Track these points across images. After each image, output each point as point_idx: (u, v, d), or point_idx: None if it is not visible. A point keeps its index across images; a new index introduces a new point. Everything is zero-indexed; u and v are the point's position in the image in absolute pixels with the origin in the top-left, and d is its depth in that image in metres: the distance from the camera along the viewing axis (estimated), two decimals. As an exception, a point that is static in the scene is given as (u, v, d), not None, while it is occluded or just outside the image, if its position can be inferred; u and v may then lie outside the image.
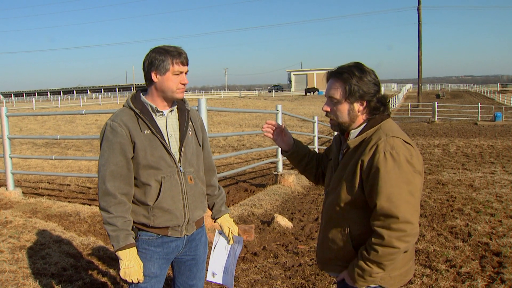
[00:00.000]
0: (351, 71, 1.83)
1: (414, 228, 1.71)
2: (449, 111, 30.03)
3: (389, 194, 1.70)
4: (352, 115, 1.87)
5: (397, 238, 1.70)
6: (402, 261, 1.86)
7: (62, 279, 3.65)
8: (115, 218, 2.06)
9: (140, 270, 2.11)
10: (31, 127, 22.69)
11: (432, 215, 5.85)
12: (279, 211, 6.29)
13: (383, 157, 1.73)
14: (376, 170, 1.73)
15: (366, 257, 1.76)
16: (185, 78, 2.16)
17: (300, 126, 22.42)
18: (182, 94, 2.19)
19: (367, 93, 1.83)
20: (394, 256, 1.74)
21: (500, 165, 9.95)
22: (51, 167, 10.98)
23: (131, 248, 2.09)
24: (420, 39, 38.29)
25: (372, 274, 1.77)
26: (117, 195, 2.07)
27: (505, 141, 14.89)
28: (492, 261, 4.20)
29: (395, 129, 1.84)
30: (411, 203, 1.72)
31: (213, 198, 2.50)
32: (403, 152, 1.74)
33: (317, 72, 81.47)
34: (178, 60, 2.11)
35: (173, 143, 2.20)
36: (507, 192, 7.13)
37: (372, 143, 1.79)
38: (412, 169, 1.73)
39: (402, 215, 1.69)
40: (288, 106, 38.30)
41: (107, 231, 2.10)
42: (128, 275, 2.08)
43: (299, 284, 3.79)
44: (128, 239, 2.08)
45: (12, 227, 4.81)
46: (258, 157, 12.29)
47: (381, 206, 1.71)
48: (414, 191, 1.73)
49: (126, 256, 2.07)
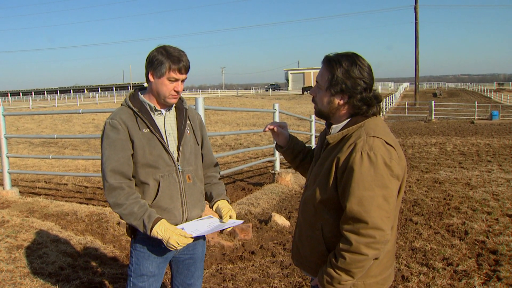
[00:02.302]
0: (340, 61, 1.71)
1: (384, 235, 1.62)
2: (446, 109, 30.09)
3: (361, 197, 1.61)
4: (331, 106, 1.78)
5: (365, 244, 1.61)
6: (378, 269, 1.78)
7: (59, 278, 3.65)
8: (130, 206, 2.04)
9: (180, 231, 2.05)
10: (28, 126, 22.62)
11: (429, 214, 5.87)
12: (277, 210, 6.30)
13: (359, 157, 1.62)
14: (350, 170, 1.63)
15: (334, 264, 1.68)
16: (180, 86, 2.14)
17: (297, 125, 22.42)
18: (175, 100, 2.17)
19: (350, 88, 1.70)
20: (362, 263, 1.64)
21: (497, 164, 9.99)
22: (48, 167, 10.94)
23: (159, 222, 2.04)
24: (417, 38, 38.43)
25: (341, 282, 1.68)
26: (124, 186, 2.06)
27: (502, 139, 14.94)
28: (489, 259, 4.22)
29: (378, 128, 1.72)
30: (383, 209, 1.61)
31: (212, 185, 2.44)
32: (381, 153, 1.63)
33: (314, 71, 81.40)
34: (176, 67, 2.08)
35: (171, 142, 2.19)
36: (504, 190, 7.16)
37: (351, 141, 1.70)
38: (389, 173, 1.63)
39: (372, 220, 1.59)
40: (285, 105, 38.31)
41: (131, 224, 2.07)
42: (176, 243, 2.02)
43: (297, 282, 3.80)
44: (151, 217, 2.04)
45: (9, 226, 4.80)
46: (255, 156, 12.29)
47: (351, 209, 1.62)
48: (389, 196, 1.63)
49: (160, 230, 2.03)
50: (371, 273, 1.76)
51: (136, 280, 2.22)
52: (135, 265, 2.22)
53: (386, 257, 1.80)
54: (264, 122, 23.75)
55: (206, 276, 3.95)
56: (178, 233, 2.04)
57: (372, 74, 1.76)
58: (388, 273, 1.84)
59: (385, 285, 1.84)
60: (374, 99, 1.76)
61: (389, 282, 1.86)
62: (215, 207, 2.37)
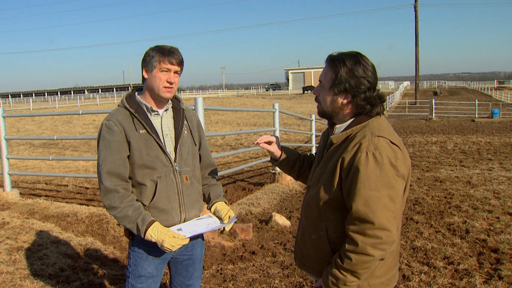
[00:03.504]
0: (344, 60, 1.70)
1: (390, 235, 1.61)
2: (446, 108, 30.08)
3: (367, 198, 1.59)
4: (334, 106, 1.76)
5: (371, 245, 1.60)
6: (382, 269, 1.76)
7: (59, 280, 3.65)
8: (125, 209, 2.04)
9: (173, 233, 2.05)
10: (29, 128, 22.63)
11: (430, 212, 5.86)
12: (277, 210, 6.29)
13: (364, 157, 1.61)
14: (356, 170, 1.62)
15: (339, 265, 1.66)
16: (173, 77, 2.12)
17: (297, 124, 22.41)
18: (169, 94, 2.15)
19: (354, 87, 1.69)
20: (368, 264, 1.63)
21: (498, 162, 9.97)
22: (49, 168, 10.95)
23: (152, 225, 2.04)
24: (417, 36, 38.40)
25: (346, 283, 1.66)
26: (119, 189, 2.06)
27: (503, 137, 14.92)
28: (490, 258, 4.21)
29: (383, 128, 1.71)
30: (389, 209, 1.60)
31: (210, 187, 2.43)
32: (387, 153, 1.62)
33: (314, 70, 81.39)
34: (166, 58, 2.08)
35: (168, 143, 2.19)
36: (505, 188, 7.15)
37: (355, 141, 1.68)
38: (395, 173, 1.62)
39: (378, 221, 1.58)
40: (285, 105, 38.32)
41: (125, 227, 2.08)
42: (170, 245, 2.02)
43: (297, 282, 3.79)
44: (145, 220, 2.04)
45: (10, 228, 4.80)
46: (256, 155, 12.29)
47: (357, 209, 1.61)
48: (395, 196, 1.62)
49: (154, 234, 2.03)
50: (376, 273, 1.75)
51: (134, 282, 2.21)
52: (133, 266, 2.21)
53: (390, 257, 1.79)
54: (265, 122, 23.75)
55: (207, 277, 3.94)
56: (171, 235, 2.03)
57: (376, 73, 1.75)
58: (392, 273, 1.83)
59: (390, 285, 1.82)
60: (378, 98, 1.74)
61: (394, 282, 1.85)
62: (213, 208, 2.36)
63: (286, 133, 17.57)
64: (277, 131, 8.13)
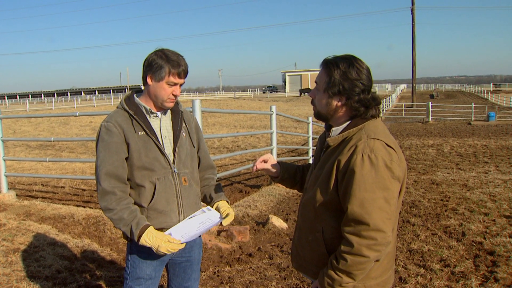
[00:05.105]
0: (337, 63, 1.73)
1: (385, 237, 1.62)
2: (443, 111, 30.21)
3: (362, 199, 1.61)
4: (329, 108, 1.79)
5: (367, 246, 1.61)
6: (378, 270, 1.78)
7: (56, 281, 3.64)
8: (120, 212, 2.04)
9: (168, 238, 2.04)
10: (25, 129, 22.57)
11: (426, 215, 5.88)
12: (274, 212, 6.29)
13: (360, 159, 1.63)
14: (351, 172, 1.64)
15: (335, 266, 1.68)
16: (178, 90, 2.14)
17: (294, 126, 22.45)
18: (172, 104, 2.17)
19: (348, 90, 1.72)
20: (364, 265, 1.65)
21: (494, 165, 10.01)
22: (45, 169, 10.91)
23: (147, 230, 2.03)
24: (414, 39, 38.51)
25: (342, 284, 1.68)
26: (116, 192, 2.06)
27: (499, 140, 14.99)
28: (486, 260, 4.23)
29: (379, 130, 1.73)
30: (384, 210, 1.62)
31: (211, 187, 2.41)
32: (382, 155, 1.64)
33: (311, 72, 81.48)
34: (175, 71, 2.08)
35: (167, 145, 2.19)
36: (501, 191, 7.18)
37: (351, 143, 1.70)
38: (390, 175, 1.64)
39: (374, 222, 1.60)
40: (282, 107, 38.37)
41: (120, 230, 2.07)
42: (166, 250, 2.02)
43: (294, 284, 3.79)
44: (139, 224, 2.03)
45: (6, 229, 4.78)
46: (253, 158, 12.29)
47: (352, 211, 1.63)
48: (390, 198, 1.64)
49: (149, 239, 2.03)
50: (372, 275, 1.76)
51: (132, 283, 2.21)
52: (131, 268, 2.21)
53: (386, 258, 1.80)
54: (262, 124, 23.77)
55: (204, 279, 3.94)
56: (166, 240, 2.03)
57: (371, 76, 1.77)
58: (388, 275, 1.85)
59: (386, 287, 1.84)
60: (372, 101, 1.76)
61: (390, 284, 1.86)
62: (215, 207, 2.35)
63: (283, 135, 17.59)
64: (274, 133, 8.15)
